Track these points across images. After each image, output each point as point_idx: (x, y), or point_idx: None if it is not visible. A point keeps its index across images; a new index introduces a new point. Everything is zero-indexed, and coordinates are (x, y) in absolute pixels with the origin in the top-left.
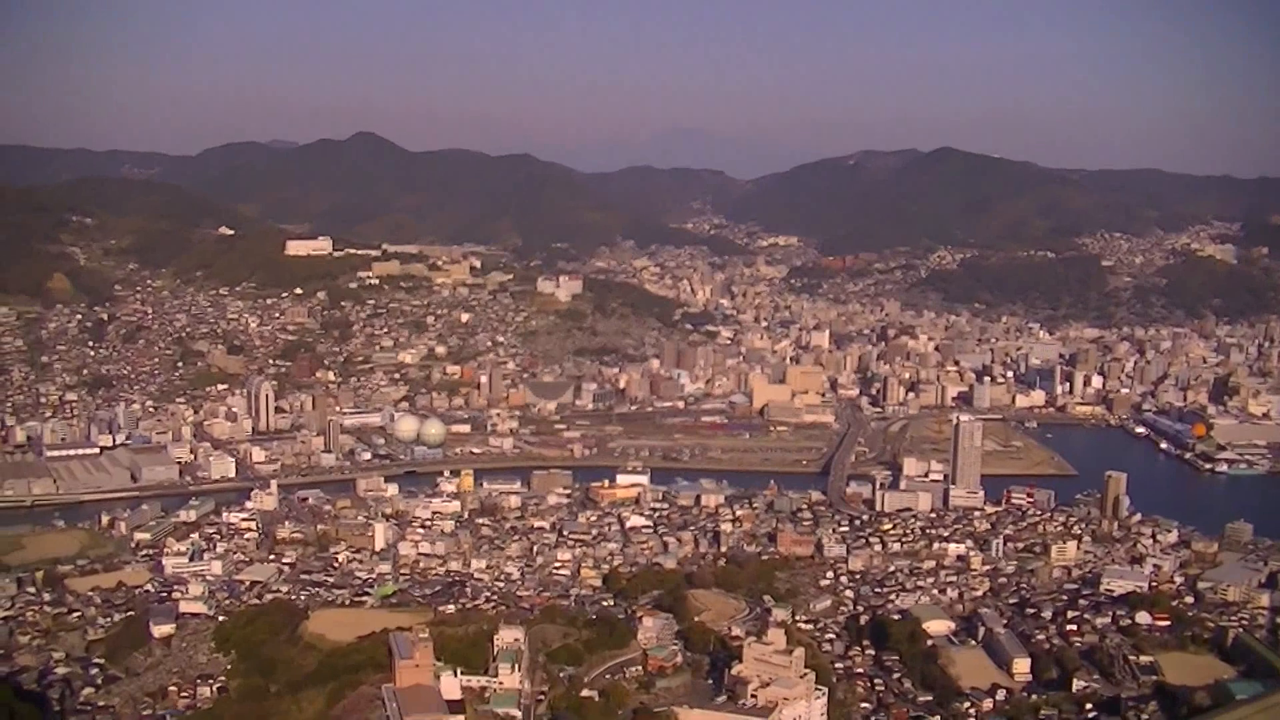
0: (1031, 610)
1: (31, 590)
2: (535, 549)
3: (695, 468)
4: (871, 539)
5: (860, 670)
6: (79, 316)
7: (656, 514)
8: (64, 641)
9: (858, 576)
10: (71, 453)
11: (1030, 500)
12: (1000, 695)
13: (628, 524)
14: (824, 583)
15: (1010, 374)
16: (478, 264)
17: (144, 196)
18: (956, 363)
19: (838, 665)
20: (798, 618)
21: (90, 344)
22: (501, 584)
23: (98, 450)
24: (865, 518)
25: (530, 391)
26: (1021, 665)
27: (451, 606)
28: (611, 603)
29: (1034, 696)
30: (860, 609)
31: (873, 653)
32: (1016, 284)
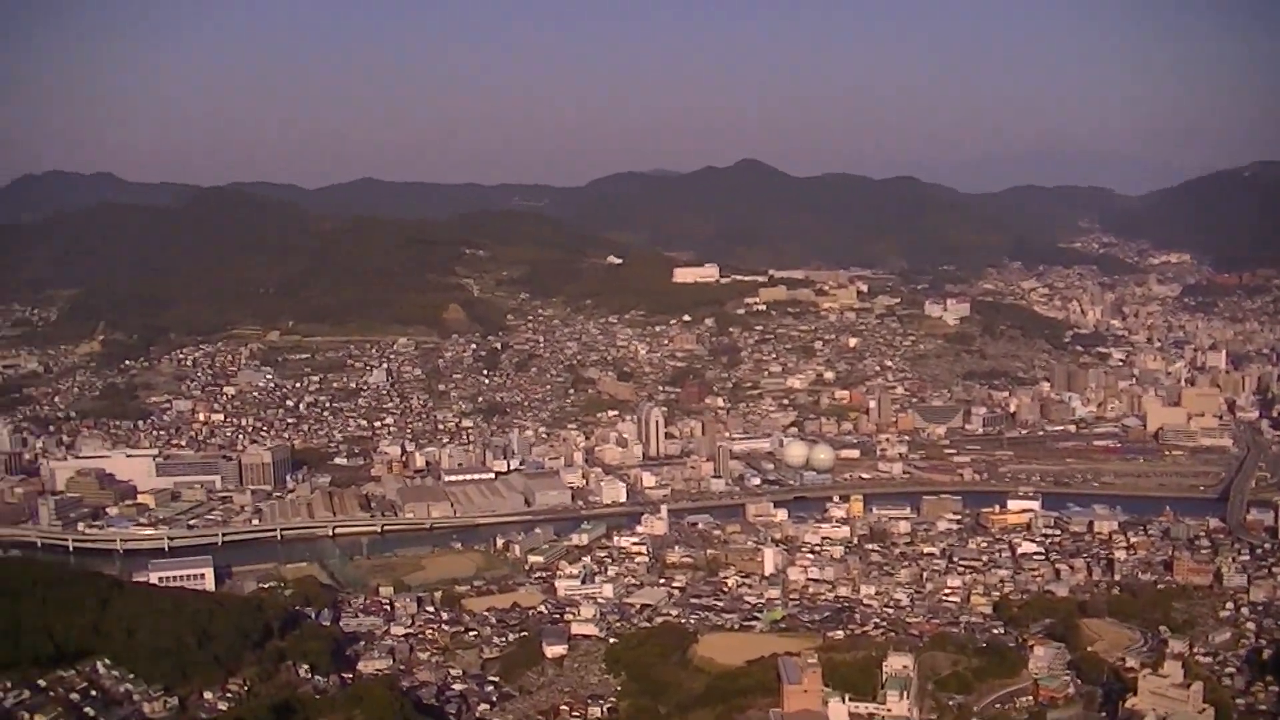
0: None
1: (431, 609)
2: (925, 575)
3: (1088, 493)
4: (1275, 569)
5: (1264, 707)
6: (474, 346)
7: (1048, 540)
8: (461, 659)
9: (1260, 608)
10: (468, 477)
11: None
12: None
13: (1019, 550)
14: (1223, 614)
15: None
16: (864, 288)
17: (533, 228)
18: None
19: (1239, 701)
20: (1195, 650)
21: (485, 372)
22: (890, 610)
23: (493, 475)
24: (1267, 546)
25: (919, 416)
26: None
27: (840, 632)
28: (1001, 631)
29: None
30: (1263, 642)
31: (1277, 689)
32: None
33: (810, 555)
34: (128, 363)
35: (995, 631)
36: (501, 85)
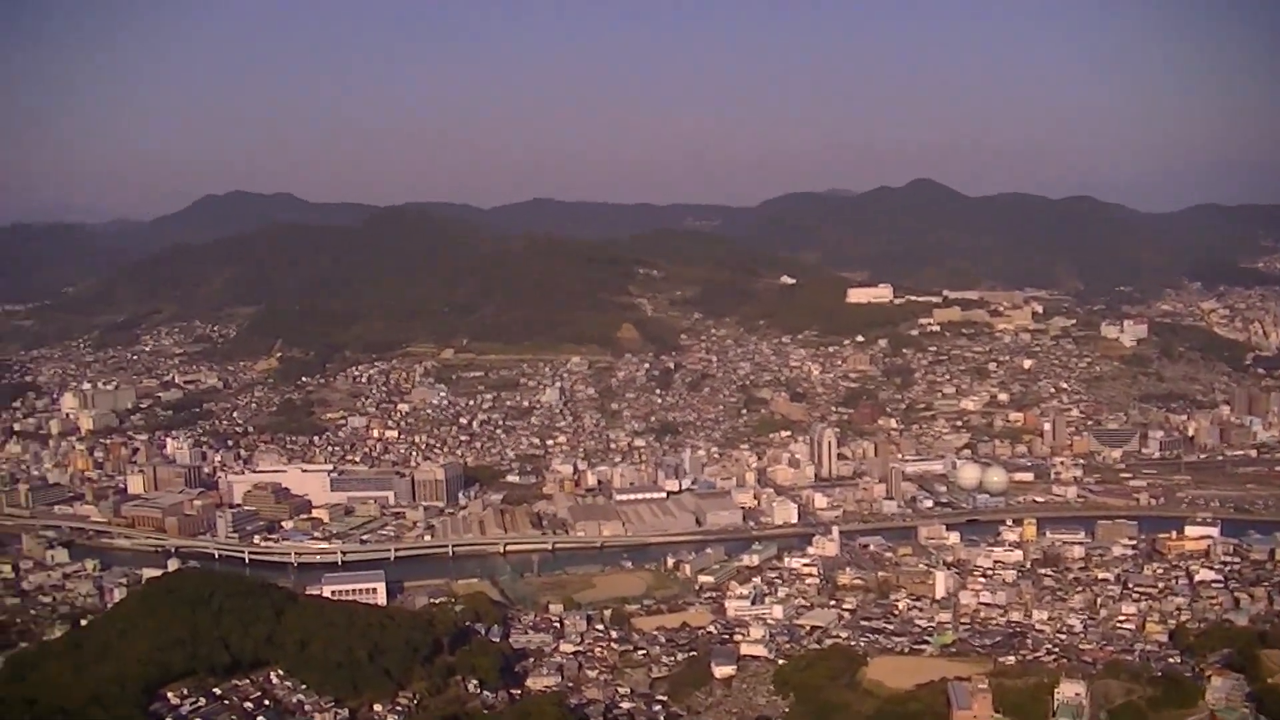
0: None
1: (600, 627)
2: (1099, 601)
3: (1270, 519)
4: None
5: None
6: (646, 365)
7: (1227, 567)
8: (629, 677)
9: None
10: (640, 496)
11: None
12: None
13: (1196, 577)
14: None
15: None
16: (1039, 309)
17: (707, 247)
18: None
19: None
20: None
21: (657, 391)
22: (1063, 636)
23: (664, 494)
24: None
25: (1094, 439)
26: None
27: (1011, 657)
28: (1178, 660)
29: None
30: None
31: None
32: None
33: (982, 579)
34: (304, 379)
35: (1171, 660)
36: (674, 106)
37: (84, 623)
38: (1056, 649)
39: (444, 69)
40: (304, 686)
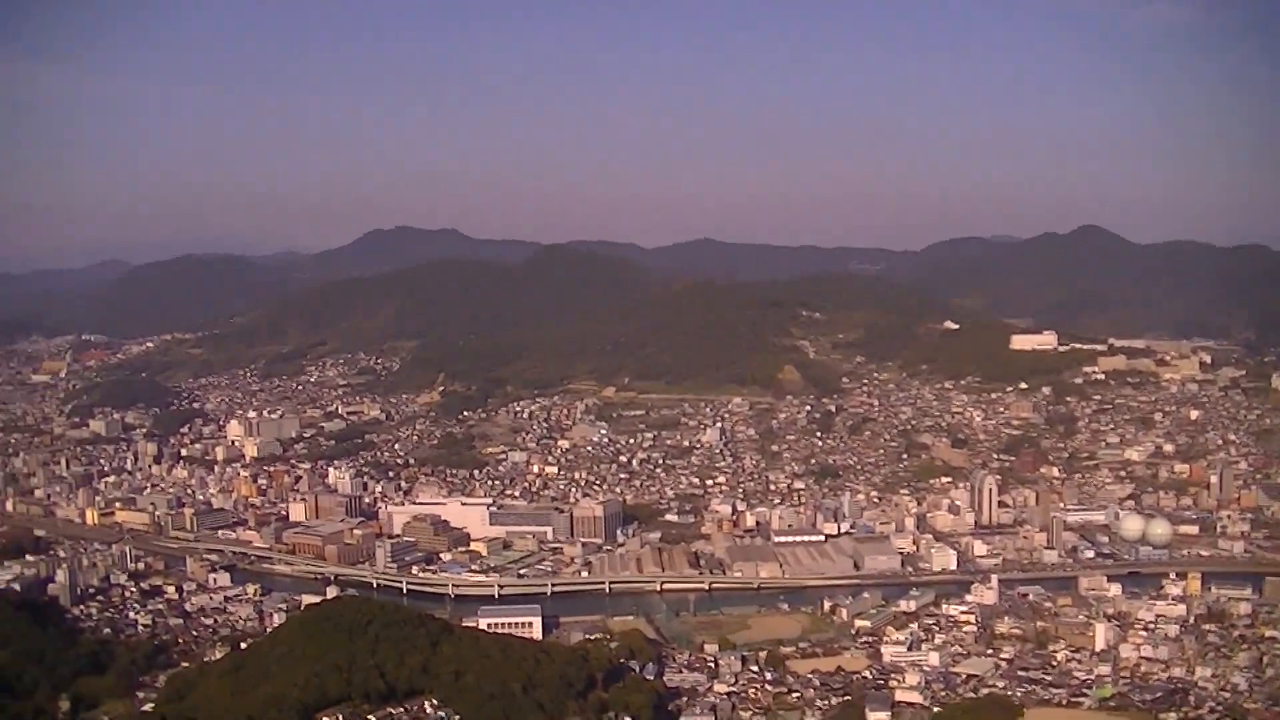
0: None
1: (754, 669)
2: (1265, 660)
3: None
4: None
5: None
6: (808, 408)
7: None
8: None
9: None
10: (797, 539)
11: None
12: None
13: None
14: None
15: None
16: (1207, 359)
17: (870, 291)
18: None
19: None
20: None
21: (818, 434)
22: (1227, 694)
23: (822, 537)
24: None
25: (1263, 493)
26: None
27: (1172, 714)
28: None
29: None
30: None
31: None
32: None
33: (1144, 632)
34: (466, 413)
35: None
36: (839, 149)
37: (244, 645)
38: (1220, 707)
39: (610, 111)
40: (457, 717)
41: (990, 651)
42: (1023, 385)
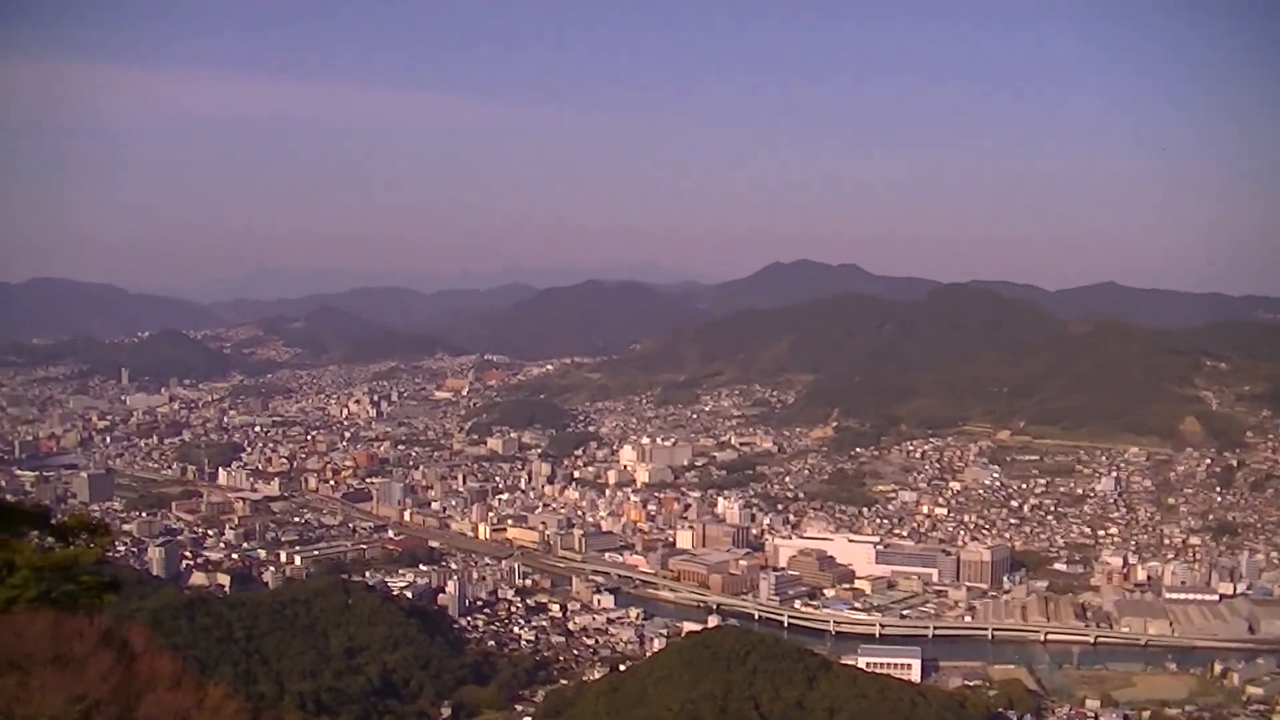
0: None
1: None
2: None
3: None
4: None
5: None
6: (1208, 461)
7: None
8: None
9: None
10: (1190, 596)
11: None
12: None
13: None
14: None
15: None
16: None
17: (1278, 342)
18: None
19: None
20: None
21: (1217, 489)
22: None
23: (1217, 597)
24: None
25: None
26: None
27: None
28: None
29: None
30: None
31: None
32: None
33: None
34: (858, 450)
35: None
36: (1241, 191)
37: (622, 667)
38: None
39: (1016, 153)
40: None
41: None
42: None
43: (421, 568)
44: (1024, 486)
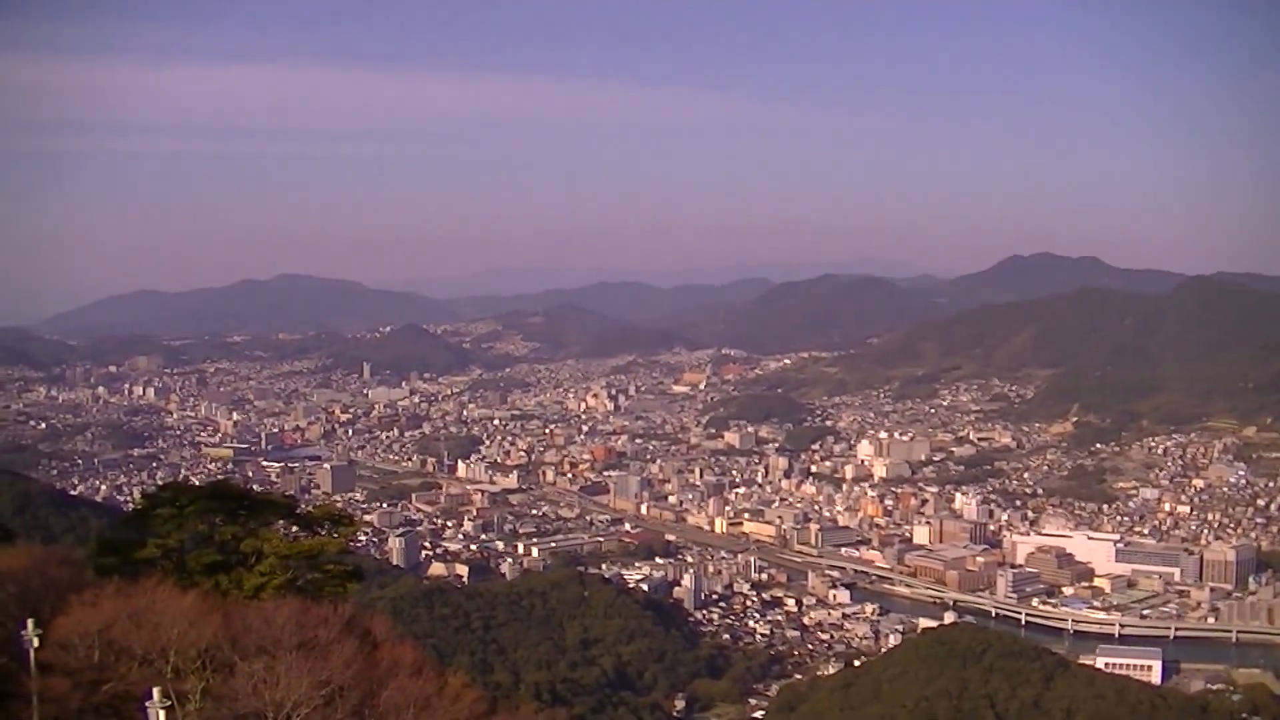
0: None
1: None
2: None
3: None
4: None
5: None
6: None
7: None
8: None
9: None
10: None
11: None
12: None
13: None
14: None
15: None
16: None
17: None
18: None
19: None
20: None
21: None
22: None
23: None
24: None
25: None
26: None
27: None
28: None
29: None
30: None
31: None
32: None
33: None
34: (1098, 446)
35: None
36: None
37: (857, 663)
38: None
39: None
40: None
41: None
42: None
43: (658, 561)
44: (1271, 485)
